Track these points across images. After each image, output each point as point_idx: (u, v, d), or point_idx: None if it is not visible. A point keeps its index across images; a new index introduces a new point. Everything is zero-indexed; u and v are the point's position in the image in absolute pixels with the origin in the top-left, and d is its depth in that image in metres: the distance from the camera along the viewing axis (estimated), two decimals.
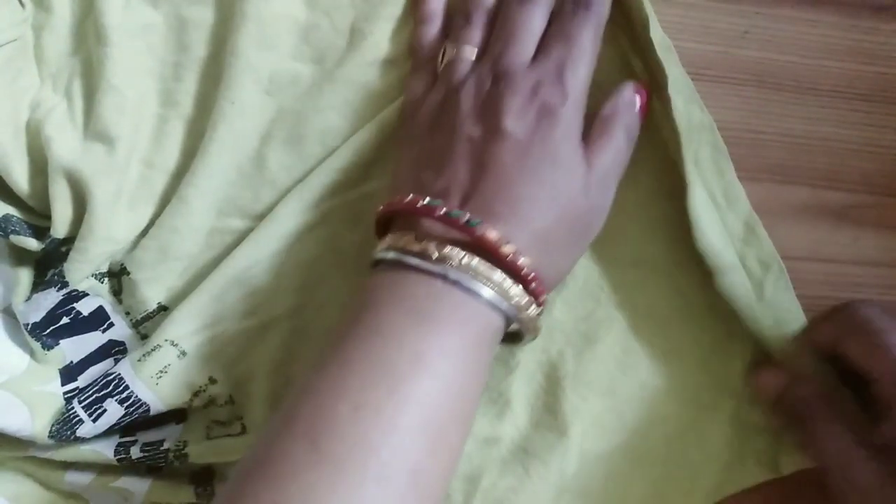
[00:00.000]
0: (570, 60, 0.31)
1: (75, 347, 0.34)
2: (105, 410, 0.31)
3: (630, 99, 0.32)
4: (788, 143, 0.36)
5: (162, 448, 0.33)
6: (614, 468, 0.34)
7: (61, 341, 0.34)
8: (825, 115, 0.36)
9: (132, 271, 0.34)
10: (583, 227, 0.31)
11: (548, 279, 0.29)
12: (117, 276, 0.34)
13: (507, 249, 0.27)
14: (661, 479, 0.34)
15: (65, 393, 0.33)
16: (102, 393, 0.32)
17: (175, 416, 0.34)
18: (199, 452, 0.33)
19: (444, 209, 0.28)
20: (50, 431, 0.31)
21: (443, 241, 0.27)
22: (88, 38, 0.34)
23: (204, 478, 0.34)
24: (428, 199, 0.28)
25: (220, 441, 0.33)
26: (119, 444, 0.33)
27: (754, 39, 0.36)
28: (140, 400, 0.31)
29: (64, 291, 0.33)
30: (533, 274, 0.28)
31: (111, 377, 0.32)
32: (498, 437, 0.34)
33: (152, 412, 0.32)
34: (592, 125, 0.32)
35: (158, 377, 0.32)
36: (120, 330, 0.34)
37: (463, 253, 0.27)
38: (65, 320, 0.34)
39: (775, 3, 0.36)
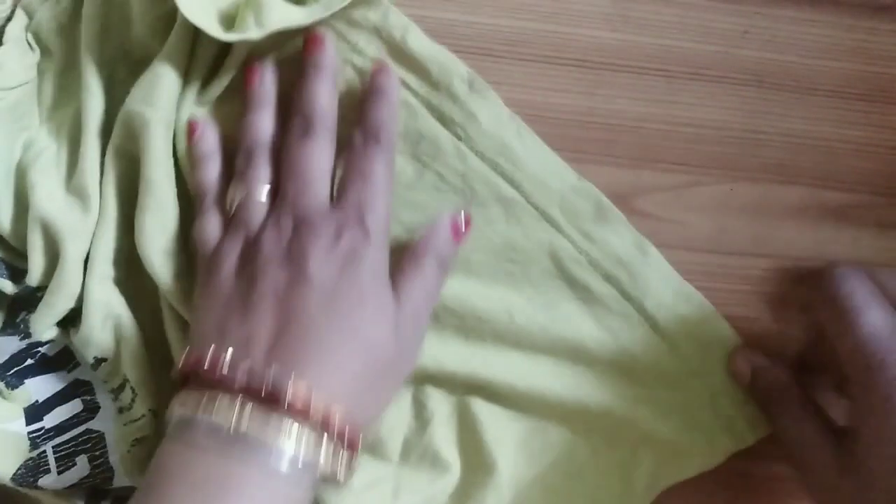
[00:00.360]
0: (368, 199, 0.30)
1: (40, 387, 0.33)
2: (74, 466, 0.31)
3: (445, 233, 0.32)
4: (788, 143, 0.36)
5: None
6: (549, 488, 0.34)
7: (26, 381, 0.33)
8: (825, 115, 0.36)
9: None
10: (395, 369, 0.30)
11: (361, 423, 0.28)
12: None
13: (316, 406, 0.26)
14: (596, 487, 0.34)
15: (30, 433, 0.32)
16: (80, 448, 0.32)
17: None
18: None
19: (248, 365, 0.27)
20: (14, 475, 0.31)
21: (244, 400, 0.26)
22: (79, 83, 0.34)
23: None
24: (230, 353, 0.27)
25: None
26: (91, 496, 0.33)
27: (754, 39, 0.36)
28: (108, 465, 0.31)
29: (27, 342, 0.33)
30: (346, 426, 0.27)
31: (94, 435, 0.32)
32: (434, 495, 0.34)
33: (115, 483, 0.32)
34: (403, 259, 0.31)
35: (132, 445, 0.32)
36: (85, 370, 0.34)
37: (264, 412, 0.26)
38: (29, 361, 0.34)
39: (775, 3, 0.36)
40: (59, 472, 0.31)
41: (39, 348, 0.33)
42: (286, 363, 0.27)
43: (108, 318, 0.33)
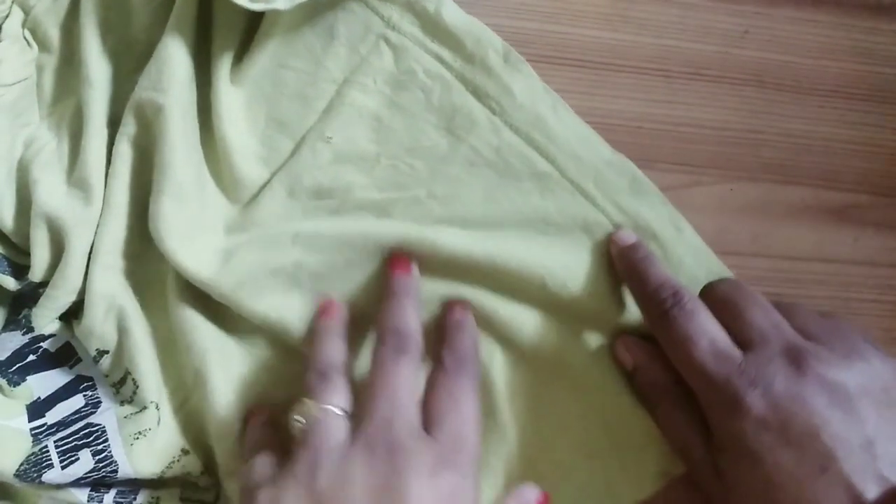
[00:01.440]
0: (466, 436, 0.28)
1: (42, 383, 0.33)
2: (77, 460, 0.31)
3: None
4: (788, 143, 0.36)
5: (135, 501, 0.33)
6: (558, 461, 0.33)
7: (28, 377, 0.33)
8: (825, 115, 0.36)
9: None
10: None
11: None
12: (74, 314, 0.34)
13: None
14: (604, 468, 0.33)
15: (32, 430, 0.32)
16: (82, 442, 0.31)
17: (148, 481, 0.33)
18: None
19: None
20: (17, 471, 0.31)
21: None
22: (79, 77, 0.34)
23: None
24: None
25: None
26: (93, 489, 0.32)
27: (754, 39, 0.36)
28: (112, 458, 0.31)
29: (30, 336, 0.33)
30: None
31: (95, 428, 0.32)
32: None
33: (120, 475, 0.31)
34: None
35: (135, 438, 0.32)
36: (87, 365, 0.34)
37: None
38: (31, 358, 0.33)
39: (775, 3, 0.36)
40: (63, 467, 0.31)
41: (41, 344, 0.33)
42: None
43: (111, 310, 0.33)
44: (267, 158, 0.34)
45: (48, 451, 0.31)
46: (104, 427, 0.32)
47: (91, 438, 0.32)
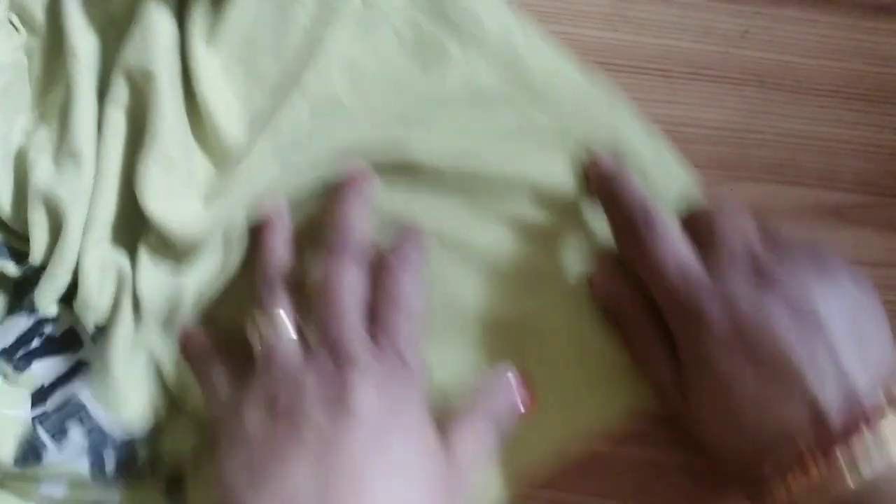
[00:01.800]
0: (409, 336, 0.29)
1: (47, 369, 0.33)
2: (67, 434, 0.31)
3: (508, 396, 0.31)
4: (788, 143, 0.36)
5: (138, 464, 0.32)
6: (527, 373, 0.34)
7: (33, 363, 0.33)
8: (825, 115, 0.36)
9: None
10: None
11: None
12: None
13: None
14: (574, 386, 0.33)
15: (34, 417, 0.32)
16: (66, 420, 0.31)
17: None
18: (170, 451, 0.33)
19: None
20: (15, 458, 0.31)
21: None
22: (66, 55, 0.34)
23: (176, 487, 0.33)
24: None
25: (186, 434, 0.33)
26: (93, 459, 0.32)
27: (754, 39, 0.36)
28: (99, 424, 0.31)
29: (34, 319, 0.33)
30: None
31: (74, 404, 0.32)
32: None
33: (118, 441, 0.31)
34: (456, 413, 0.29)
35: (113, 399, 0.32)
36: (89, 348, 0.34)
37: None
38: (36, 343, 0.33)
39: (775, 3, 0.36)
40: (57, 445, 0.31)
41: (45, 328, 0.33)
42: None
43: (107, 279, 0.32)
44: (249, 119, 0.34)
45: (37, 432, 0.31)
46: (82, 401, 0.31)
47: (75, 415, 0.31)
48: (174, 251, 0.32)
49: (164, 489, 0.34)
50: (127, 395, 0.32)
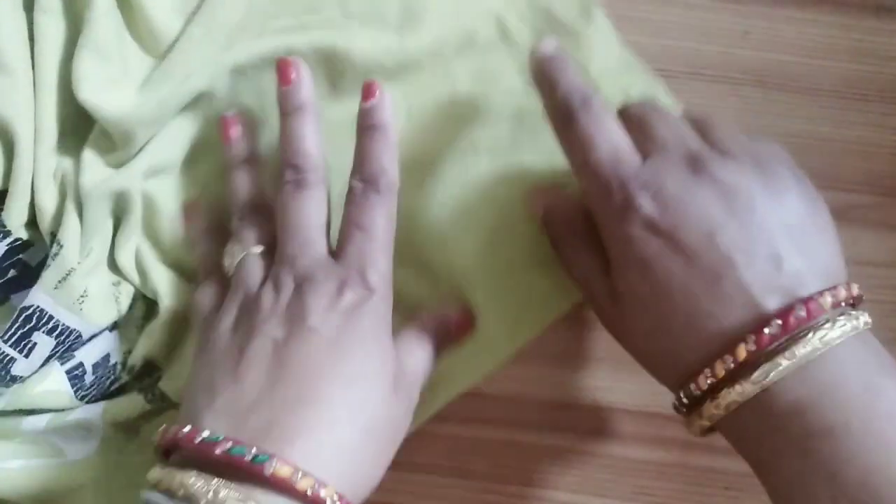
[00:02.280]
0: (370, 255, 0.29)
1: (21, 299, 0.33)
2: (35, 344, 0.31)
3: (452, 327, 0.33)
4: (788, 143, 0.36)
5: (111, 364, 0.33)
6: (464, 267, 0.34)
7: (11, 296, 0.33)
8: (825, 115, 0.36)
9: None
10: (391, 429, 0.28)
11: (358, 493, 0.26)
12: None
13: (303, 484, 0.24)
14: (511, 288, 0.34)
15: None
16: (27, 328, 0.31)
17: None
18: (138, 350, 0.33)
19: (227, 445, 0.24)
20: None
21: (220, 484, 0.24)
22: None
23: (149, 383, 0.34)
24: (206, 432, 0.25)
25: (149, 329, 0.33)
26: (71, 377, 0.32)
27: (754, 39, 0.36)
28: (68, 327, 0.31)
29: (7, 241, 0.33)
30: (337, 500, 0.25)
31: (30, 310, 0.31)
32: None
33: (85, 337, 0.32)
34: (410, 326, 0.31)
35: (80, 302, 0.32)
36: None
37: (244, 496, 0.24)
38: (12, 273, 0.33)
39: (775, 3, 0.37)
40: (27, 356, 0.31)
41: (21, 254, 0.33)
42: (271, 430, 0.25)
43: (55, 181, 0.32)
44: (180, 6, 0.33)
45: (2, 349, 0.31)
46: (39, 305, 0.31)
47: (34, 321, 0.31)
48: (114, 144, 0.32)
49: (139, 389, 0.34)
50: (88, 293, 0.32)
